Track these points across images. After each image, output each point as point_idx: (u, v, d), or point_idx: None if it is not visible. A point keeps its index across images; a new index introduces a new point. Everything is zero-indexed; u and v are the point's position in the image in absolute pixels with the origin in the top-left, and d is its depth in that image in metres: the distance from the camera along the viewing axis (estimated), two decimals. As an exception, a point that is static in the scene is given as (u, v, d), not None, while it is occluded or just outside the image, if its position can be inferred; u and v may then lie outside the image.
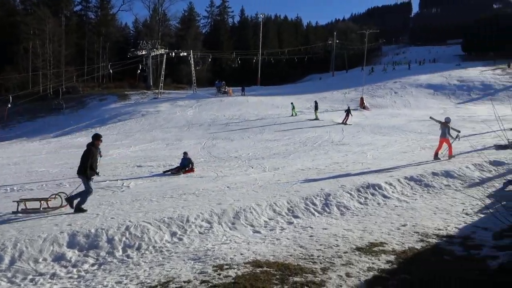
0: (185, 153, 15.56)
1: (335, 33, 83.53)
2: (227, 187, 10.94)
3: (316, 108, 31.95)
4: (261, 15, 76.22)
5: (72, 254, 6.33)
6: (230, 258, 5.93)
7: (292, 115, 33.18)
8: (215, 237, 7.15)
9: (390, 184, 10.39)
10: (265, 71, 70.67)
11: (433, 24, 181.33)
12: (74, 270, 5.94)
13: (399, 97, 44.34)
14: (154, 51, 55.47)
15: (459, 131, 15.40)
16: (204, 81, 64.49)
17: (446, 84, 48.68)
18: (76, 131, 33.03)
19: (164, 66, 53.23)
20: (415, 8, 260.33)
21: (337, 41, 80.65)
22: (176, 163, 15.75)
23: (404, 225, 7.65)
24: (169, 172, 14.58)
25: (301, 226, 7.81)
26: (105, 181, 12.56)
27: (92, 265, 6.13)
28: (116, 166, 16.48)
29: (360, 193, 9.73)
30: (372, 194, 9.77)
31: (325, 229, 7.53)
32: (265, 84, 64.20)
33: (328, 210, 8.80)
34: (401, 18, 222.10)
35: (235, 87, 53.80)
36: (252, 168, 14.96)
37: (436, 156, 14.50)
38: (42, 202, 8.73)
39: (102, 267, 6.04)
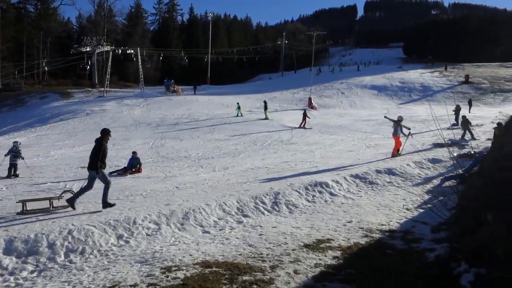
0: (134, 153, 15.16)
1: (284, 34, 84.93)
2: (176, 187, 10.78)
3: (265, 107, 32.24)
4: (210, 14, 75.81)
5: (9, 261, 5.96)
6: (179, 259, 5.84)
7: (237, 115, 32.89)
8: (163, 238, 7.01)
9: (337, 182, 10.70)
10: (215, 70, 70.31)
11: (376, 28, 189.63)
12: (11, 278, 5.59)
13: (345, 98, 45.87)
14: (99, 48, 53.49)
15: (409, 128, 16.06)
16: (152, 80, 63.10)
17: (389, 86, 51.03)
18: (14, 130, 31.16)
19: (110, 63, 51.48)
20: (360, 12, 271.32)
21: (286, 41, 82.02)
22: (123, 163, 15.31)
23: (350, 222, 7.90)
24: (115, 173, 14.13)
25: (250, 225, 7.84)
26: (46, 183, 11.95)
27: (32, 272, 5.81)
28: (58, 167, 15.73)
29: (308, 191, 9.94)
30: (320, 192, 10.01)
31: (274, 227, 7.62)
32: (215, 83, 63.91)
33: (277, 208, 8.90)
34: (347, 21, 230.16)
35: (185, 86, 53.13)
36: (202, 168, 14.84)
37: (395, 154, 15.00)
38: (51, 201, 8.55)
39: (42, 274, 5.73)
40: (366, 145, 19.36)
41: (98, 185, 8.48)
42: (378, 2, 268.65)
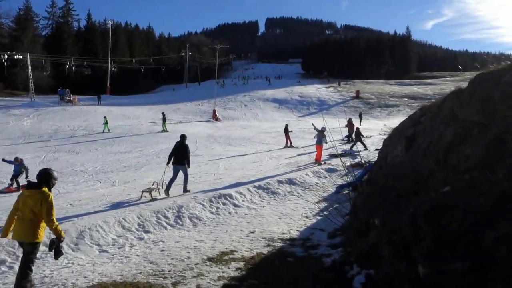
0: (16, 159, 13.85)
1: (187, 45, 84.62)
2: (70, 204, 10.01)
3: (164, 120, 31.00)
4: (110, 21, 72.82)
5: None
6: (72, 283, 5.41)
7: (103, 131, 29.32)
8: (54, 261, 6.43)
9: (240, 193, 10.84)
10: (115, 80, 67.27)
11: (277, 44, 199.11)
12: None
13: (248, 110, 46.96)
14: (-20, 52, 48.05)
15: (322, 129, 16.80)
16: (45, 89, 58.17)
17: (289, 99, 53.61)
18: None
19: (-7, 69, 46.51)
20: (262, 28, 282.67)
21: (190, 53, 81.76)
22: (7, 179, 13.85)
23: (253, 232, 8.04)
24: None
25: (152, 241, 7.57)
26: None
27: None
28: None
29: (212, 203, 9.91)
30: (224, 204, 10.05)
31: (177, 242, 7.44)
32: (116, 93, 61.07)
33: (180, 222, 8.73)
34: (249, 36, 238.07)
35: (83, 96, 50.00)
36: (100, 182, 14.01)
37: (319, 161, 16.11)
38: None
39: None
40: (269, 156, 19.92)
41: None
42: (278, 20, 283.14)
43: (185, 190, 10.98)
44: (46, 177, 5.12)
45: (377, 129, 29.34)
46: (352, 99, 55.83)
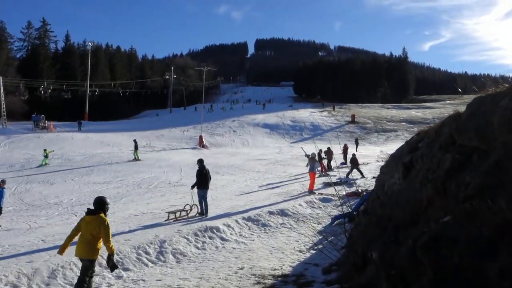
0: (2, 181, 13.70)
1: (172, 68, 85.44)
2: (42, 240, 9.82)
3: (135, 147, 30.30)
4: (89, 43, 73.46)
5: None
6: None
7: (41, 165, 27.47)
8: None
9: (228, 226, 10.76)
10: (95, 105, 67.43)
11: (267, 66, 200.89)
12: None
13: (237, 136, 47.20)
14: None
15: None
16: (18, 114, 57.95)
17: (281, 124, 54.15)
18: None
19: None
20: (251, 50, 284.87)
21: (175, 76, 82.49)
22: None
23: (241, 268, 7.95)
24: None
25: (132, 279, 7.44)
26: None
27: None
28: None
29: (198, 237, 9.82)
30: (210, 238, 9.96)
31: (159, 280, 7.33)
32: (96, 119, 61.01)
33: (163, 258, 8.61)
34: (238, 58, 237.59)
35: (62, 121, 49.85)
36: (76, 215, 13.80)
37: (312, 190, 16.17)
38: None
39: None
40: (259, 185, 19.88)
41: None
42: (268, 41, 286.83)
43: (202, 212, 12.57)
44: (102, 204, 6.32)
45: (374, 155, 29.56)
46: (348, 123, 56.67)
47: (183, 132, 47.08)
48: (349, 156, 23.43)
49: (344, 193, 13.29)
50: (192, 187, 12.97)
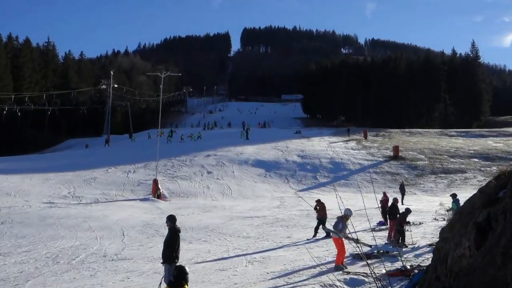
0: None
1: (112, 72, 61.91)
2: None
3: None
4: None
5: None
6: None
7: None
8: None
9: None
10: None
11: (261, 70, 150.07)
12: None
13: (214, 180, 35.79)
14: None
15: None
16: None
17: (283, 161, 41.12)
18: None
19: None
20: (236, 44, 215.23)
21: (116, 85, 60.41)
22: None
23: None
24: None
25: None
26: None
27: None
28: None
29: None
30: None
31: None
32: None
33: None
34: (216, 57, 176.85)
35: None
36: None
37: (339, 266, 11.79)
38: None
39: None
40: (248, 260, 14.15)
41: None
42: (261, 31, 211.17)
43: None
44: (184, 276, 6.05)
45: (430, 210, 22.76)
46: (388, 160, 42.45)
47: (127, 174, 35.34)
48: (400, 208, 17.60)
49: (384, 271, 10.09)
50: (167, 261, 9.45)
